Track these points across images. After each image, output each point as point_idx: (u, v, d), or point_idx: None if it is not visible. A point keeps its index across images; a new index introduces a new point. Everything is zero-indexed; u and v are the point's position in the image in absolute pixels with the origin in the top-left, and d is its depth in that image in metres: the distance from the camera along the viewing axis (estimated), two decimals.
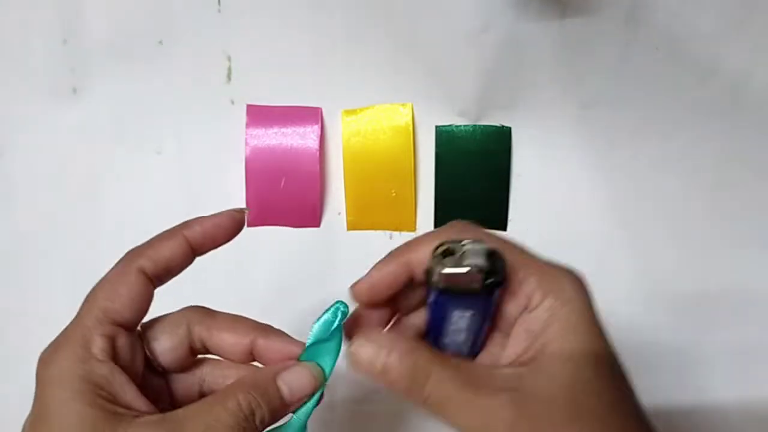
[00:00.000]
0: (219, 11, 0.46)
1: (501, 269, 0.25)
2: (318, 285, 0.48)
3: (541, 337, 0.26)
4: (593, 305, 0.27)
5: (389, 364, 0.26)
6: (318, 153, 0.48)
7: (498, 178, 0.48)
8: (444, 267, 0.25)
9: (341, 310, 0.28)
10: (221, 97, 0.48)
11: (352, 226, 0.49)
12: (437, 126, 0.48)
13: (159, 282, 0.28)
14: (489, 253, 0.25)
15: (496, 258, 0.25)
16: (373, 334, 0.27)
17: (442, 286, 0.25)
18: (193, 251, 0.29)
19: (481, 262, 0.24)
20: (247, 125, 0.48)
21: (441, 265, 0.25)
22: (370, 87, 0.47)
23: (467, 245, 0.25)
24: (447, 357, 0.27)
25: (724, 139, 0.48)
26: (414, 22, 0.45)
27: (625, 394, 0.26)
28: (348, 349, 0.27)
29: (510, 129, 0.48)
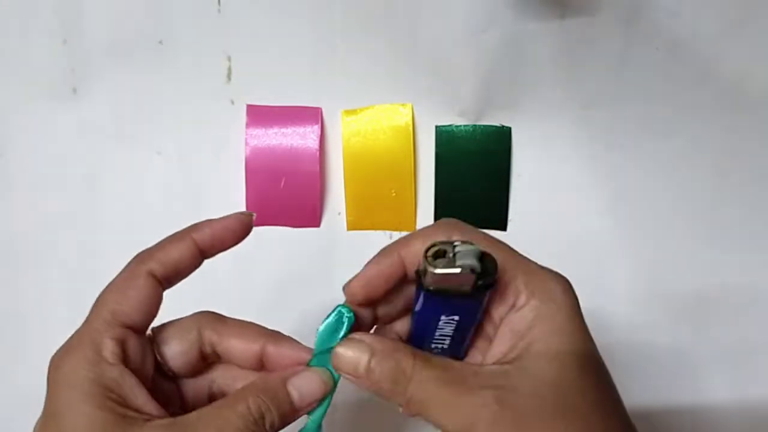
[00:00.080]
0: (219, 11, 0.46)
1: (492, 271, 0.25)
2: (318, 285, 0.48)
3: (527, 337, 0.26)
4: (579, 307, 0.27)
5: (372, 364, 0.26)
6: (318, 153, 0.48)
7: (498, 178, 0.48)
8: (436, 267, 0.25)
9: (346, 315, 0.28)
10: (221, 97, 0.48)
11: (352, 226, 0.49)
12: (437, 126, 0.48)
13: (168, 284, 0.28)
14: (481, 255, 0.25)
15: (487, 260, 0.25)
16: (357, 335, 0.27)
17: (434, 287, 0.25)
18: (202, 254, 0.28)
19: (474, 263, 0.24)
20: (247, 125, 0.48)
21: (433, 266, 0.25)
22: (370, 87, 0.47)
23: (459, 246, 0.25)
24: (429, 357, 0.27)
25: (724, 139, 0.48)
26: (414, 22, 0.45)
27: (609, 394, 0.26)
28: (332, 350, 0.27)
29: (510, 129, 0.48)
